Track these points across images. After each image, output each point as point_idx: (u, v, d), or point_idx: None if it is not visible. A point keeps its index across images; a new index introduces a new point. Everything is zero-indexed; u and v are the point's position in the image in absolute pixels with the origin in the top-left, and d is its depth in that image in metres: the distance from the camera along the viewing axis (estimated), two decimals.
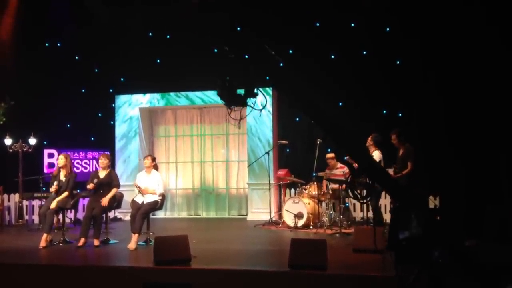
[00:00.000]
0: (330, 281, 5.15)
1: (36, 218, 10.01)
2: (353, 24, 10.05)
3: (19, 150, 9.84)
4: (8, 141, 9.96)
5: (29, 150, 10.03)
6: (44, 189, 9.53)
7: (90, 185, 7.39)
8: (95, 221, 7.23)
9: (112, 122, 11.25)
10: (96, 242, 7.12)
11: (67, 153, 8.01)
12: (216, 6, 5.96)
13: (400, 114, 9.84)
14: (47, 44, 11.45)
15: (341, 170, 8.71)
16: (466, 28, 7.32)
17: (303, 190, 8.93)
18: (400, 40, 9.39)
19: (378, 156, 7.76)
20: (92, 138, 11.38)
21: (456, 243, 4.48)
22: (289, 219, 8.58)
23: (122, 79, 11.29)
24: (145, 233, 7.31)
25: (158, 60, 11.04)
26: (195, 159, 11.35)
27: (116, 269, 5.86)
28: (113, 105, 11.24)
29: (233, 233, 8.71)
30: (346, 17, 9.94)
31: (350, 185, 6.36)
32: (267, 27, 9.37)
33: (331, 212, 8.68)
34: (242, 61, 5.24)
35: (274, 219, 9.34)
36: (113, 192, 7.40)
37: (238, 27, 6.50)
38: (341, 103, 10.06)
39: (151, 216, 7.93)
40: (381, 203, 8.86)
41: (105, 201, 7.24)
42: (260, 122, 10.26)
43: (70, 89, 11.18)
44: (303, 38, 9.93)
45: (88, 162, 10.75)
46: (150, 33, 10.98)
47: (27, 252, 6.88)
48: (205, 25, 8.99)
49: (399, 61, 9.79)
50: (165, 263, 5.63)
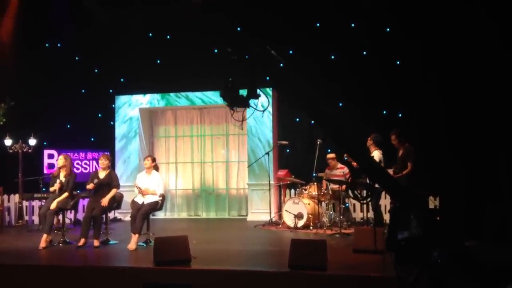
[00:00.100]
0: (330, 282, 5.14)
1: (36, 218, 10.00)
2: (353, 24, 10.06)
3: (19, 150, 9.83)
4: (8, 142, 9.96)
5: (29, 150, 10.02)
6: (44, 189, 9.50)
7: (90, 185, 7.40)
8: (95, 221, 7.22)
9: (112, 122, 11.26)
10: (96, 242, 7.11)
11: (67, 154, 8.02)
12: (218, 6, 5.97)
13: (400, 114, 9.85)
14: (47, 44, 11.46)
15: (341, 170, 8.72)
16: (466, 28, 7.32)
17: (303, 190, 8.92)
18: (400, 40, 9.40)
19: (378, 156, 7.75)
20: (92, 138, 11.39)
21: (456, 243, 4.47)
22: (289, 220, 8.57)
23: (122, 79, 11.30)
24: (145, 234, 7.31)
25: (158, 60, 11.05)
26: (195, 159, 11.35)
27: (116, 270, 5.85)
28: (113, 105, 11.24)
29: (233, 234, 8.71)
30: (346, 17, 9.96)
31: (350, 186, 6.36)
32: (267, 27, 9.38)
33: (331, 212, 8.68)
34: (244, 62, 5.24)
35: (274, 219, 9.33)
36: (113, 192, 7.40)
37: (238, 28, 6.51)
38: (341, 103, 10.08)
39: (151, 216, 7.94)
40: (381, 203, 8.85)
41: (105, 202, 7.24)
42: (260, 122, 10.26)
43: (70, 90, 11.19)
44: (303, 38, 9.94)
45: (88, 162, 10.76)
46: (150, 34, 11.00)
47: (27, 252, 6.87)
48: (207, 26, 9.01)
49: (399, 61, 9.80)
50: (165, 263, 5.63)
